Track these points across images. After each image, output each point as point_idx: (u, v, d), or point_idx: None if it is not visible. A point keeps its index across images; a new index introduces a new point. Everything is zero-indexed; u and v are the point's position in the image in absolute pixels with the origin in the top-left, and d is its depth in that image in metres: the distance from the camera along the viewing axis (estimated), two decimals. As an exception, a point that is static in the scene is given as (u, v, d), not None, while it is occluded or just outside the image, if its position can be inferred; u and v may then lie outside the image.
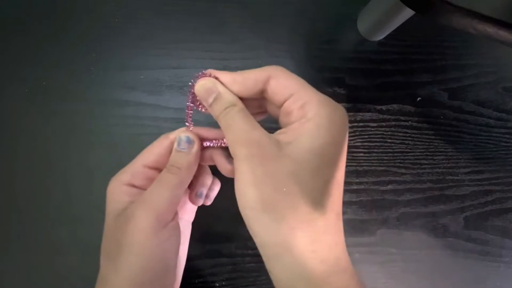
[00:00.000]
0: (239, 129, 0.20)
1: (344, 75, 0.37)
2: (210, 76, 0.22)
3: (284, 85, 0.21)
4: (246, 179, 0.19)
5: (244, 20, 0.37)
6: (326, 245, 0.18)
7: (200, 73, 0.22)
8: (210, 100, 0.21)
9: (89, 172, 0.32)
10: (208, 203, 0.28)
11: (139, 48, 0.35)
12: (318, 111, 0.19)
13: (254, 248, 0.19)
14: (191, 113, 0.24)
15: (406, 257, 0.35)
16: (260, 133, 0.20)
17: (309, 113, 0.19)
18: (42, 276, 0.31)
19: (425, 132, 0.38)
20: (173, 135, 0.24)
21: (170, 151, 0.24)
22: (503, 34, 0.22)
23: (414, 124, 0.38)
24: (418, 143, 0.37)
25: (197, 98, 0.23)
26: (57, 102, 0.33)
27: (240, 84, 0.21)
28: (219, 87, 0.21)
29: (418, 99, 0.38)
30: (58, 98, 0.33)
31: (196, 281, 0.32)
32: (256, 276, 0.32)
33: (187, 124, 0.24)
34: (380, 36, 0.38)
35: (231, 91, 0.22)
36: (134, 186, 0.24)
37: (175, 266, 0.24)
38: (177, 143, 0.23)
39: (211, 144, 0.24)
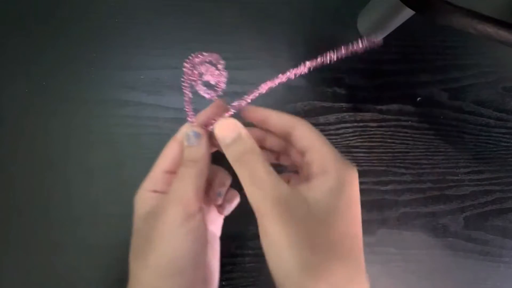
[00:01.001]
0: (266, 184, 0.20)
1: (344, 75, 0.37)
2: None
3: (307, 135, 0.22)
4: (280, 241, 0.19)
5: (244, 20, 0.37)
6: None
7: (196, 55, 0.22)
8: (228, 140, 0.21)
9: (89, 172, 0.32)
10: (225, 213, 0.28)
11: (139, 48, 0.35)
12: (339, 170, 0.20)
13: (254, 248, 0.19)
14: (190, 107, 0.24)
15: (406, 257, 0.35)
16: (286, 188, 0.20)
17: (331, 171, 0.20)
18: (42, 276, 0.31)
19: (425, 132, 0.38)
20: (179, 135, 0.24)
21: (182, 152, 0.24)
22: (503, 34, 0.22)
23: (414, 124, 0.38)
24: (418, 143, 0.37)
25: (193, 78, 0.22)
26: (57, 102, 0.33)
27: (273, 120, 0.23)
28: (241, 129, 0.21)
29: (418, 99, 0.38)
30: (58, 98, 0.33)
31: (196, 281, 0.32)
32: (256, 276, 0.32)
33: (189, 119, 0.24)
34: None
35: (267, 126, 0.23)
36: (157, 191, 0.24)
37: (204, 263, 0.24)
38: (186, 139, 0.23)
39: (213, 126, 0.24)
